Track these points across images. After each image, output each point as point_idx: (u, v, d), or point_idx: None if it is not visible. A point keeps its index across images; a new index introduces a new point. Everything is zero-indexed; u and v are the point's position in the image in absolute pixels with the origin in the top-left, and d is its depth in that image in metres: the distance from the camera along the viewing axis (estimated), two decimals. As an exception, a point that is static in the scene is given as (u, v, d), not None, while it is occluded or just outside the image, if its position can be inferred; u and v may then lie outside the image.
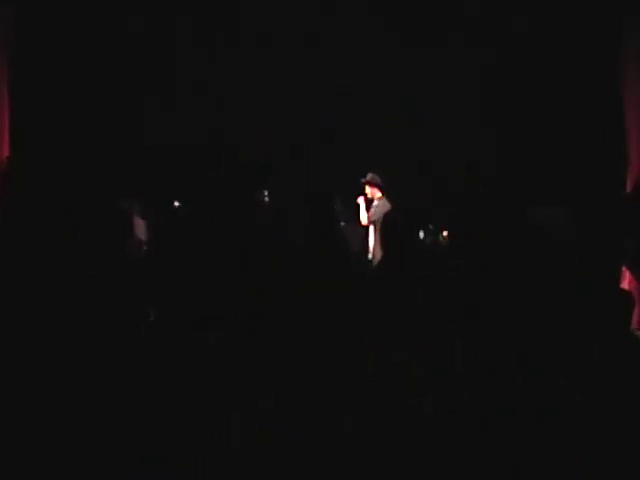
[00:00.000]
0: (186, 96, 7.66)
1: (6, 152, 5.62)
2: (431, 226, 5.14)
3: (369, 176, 7.80)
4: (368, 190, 7.81)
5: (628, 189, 5.90)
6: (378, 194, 7.78)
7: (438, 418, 2.50)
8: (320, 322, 2.28)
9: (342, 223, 3.49)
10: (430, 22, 7.53)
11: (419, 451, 2.35)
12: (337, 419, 2.16)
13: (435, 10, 7.47)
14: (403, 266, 3.22)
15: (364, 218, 7.74)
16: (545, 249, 3.06)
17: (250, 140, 7.33)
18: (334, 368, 2.23)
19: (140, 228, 4.96)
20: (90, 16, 6.93)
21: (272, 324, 2.27)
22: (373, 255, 7.30)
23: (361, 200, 7.81)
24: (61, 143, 5.98)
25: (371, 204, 7.83)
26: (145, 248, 4.38)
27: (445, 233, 5.28)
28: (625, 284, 5.62)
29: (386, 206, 7.36)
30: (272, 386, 2.16)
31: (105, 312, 2.68)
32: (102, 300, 2.70)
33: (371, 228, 7.65)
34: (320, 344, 2.23)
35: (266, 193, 4.73)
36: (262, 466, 2.09)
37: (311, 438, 2.11)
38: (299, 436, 2.11)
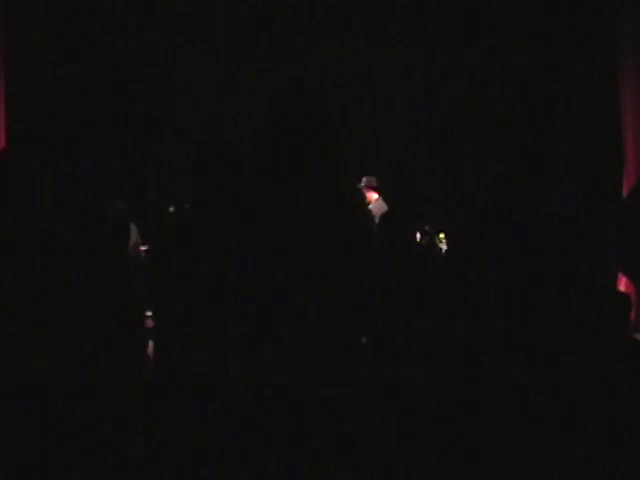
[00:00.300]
0: (186, 95, 7.68)
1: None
2: (427, 227, 5.15)
3: (364, 180, 7.72)
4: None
5: (625, 191, 5.91)
6: (375, 196, 7.74)
7: (438, 418, 2.50)
8: (320, 322, 2.27)
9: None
10: (428, 21, 7.56)
11: (419, 451, 2.35)
12: (337, 419, 2.15)
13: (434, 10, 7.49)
14: (402, 267, 3.22)
15: None
16: (545, 251, 3.06)
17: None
18: (333, 368, 2.21)
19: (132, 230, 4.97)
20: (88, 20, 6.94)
21: (273, 324, 2.25)
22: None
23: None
24: (58, 143, 5.97)
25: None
26: (146, 249, 4.37)
27: (442, 235, 5.29)
28: (622, 286, 5.63)
29: (383, 208, 7.33)
30: (272, 386, 2.15)
31: (105, 314, 2.68)
32: (101, 302, 2.70)
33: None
34: (320, 344, 2.22)
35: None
36: (262, 466, 2.08)
37: (310, 438, 2.10)
38: (299, 436, 2.10)
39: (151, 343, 2.61)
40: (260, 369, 2.09)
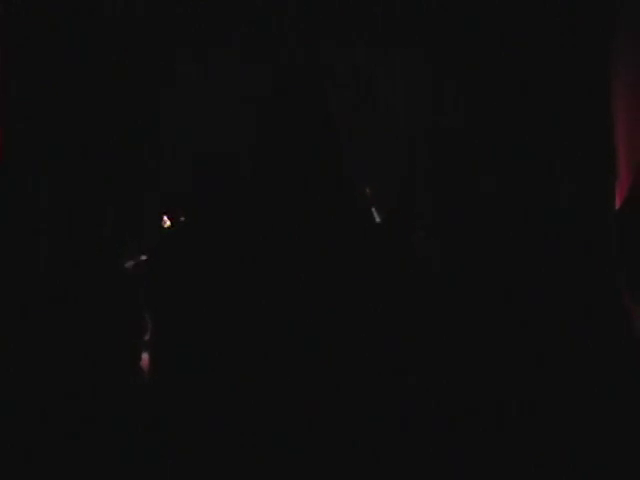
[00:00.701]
0: (186, 96, 7.68)
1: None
2: (422, 233, 5.17)
3: None
4: None
5: (617, 203, 5.90)
6: (368, 201, 7.74)
7: (437, 418, 2.51)
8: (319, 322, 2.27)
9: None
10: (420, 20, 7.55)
11: (418, 451, 2.36)
12: (336, 418, 2.15)
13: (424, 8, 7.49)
14: (397, 271, 3.23)
15: None
16: (543, 258, 3.08)
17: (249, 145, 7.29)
18: (332, 368, 2.21)
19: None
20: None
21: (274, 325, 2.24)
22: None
23: None
24: (57, 145, 5.99)
25: None
26: (145, 258, 4.38)
27: (436, 238, 5.31)
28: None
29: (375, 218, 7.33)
30: (271, 386, 2.15)
31: (98, 321, 2.71)
32: (96, 308, 2.72)
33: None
34: (318, 346, 2.22)
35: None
36: (261, 466, 2.08)
37: (310, 439, 2.10)
38: (298, 436, 2.10)
39: (145, 356, 2.62)
40: (261, 373, 2.09)
